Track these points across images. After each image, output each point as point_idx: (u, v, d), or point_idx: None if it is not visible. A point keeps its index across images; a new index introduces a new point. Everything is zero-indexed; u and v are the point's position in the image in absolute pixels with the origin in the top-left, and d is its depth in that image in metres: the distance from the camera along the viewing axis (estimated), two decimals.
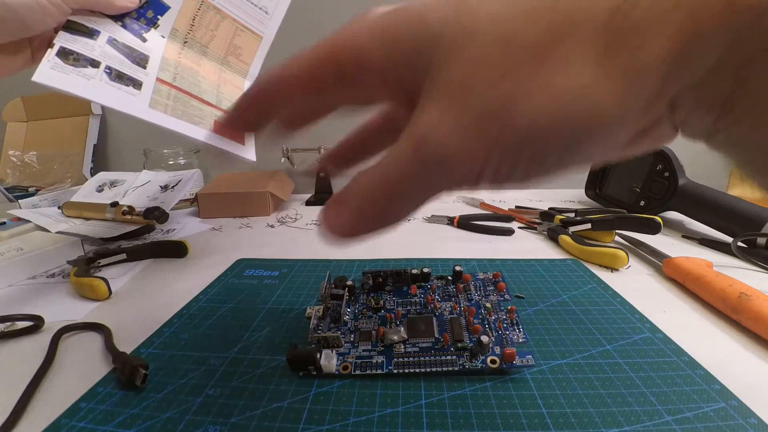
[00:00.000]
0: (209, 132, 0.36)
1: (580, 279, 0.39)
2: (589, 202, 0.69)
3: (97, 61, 0.31)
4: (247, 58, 0.42)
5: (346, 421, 0.22)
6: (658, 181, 0.56)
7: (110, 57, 0.31)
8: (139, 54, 0.33)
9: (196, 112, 0.36)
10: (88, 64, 0.30)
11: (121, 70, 0.32)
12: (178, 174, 0.69)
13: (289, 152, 0.77)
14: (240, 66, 0.42)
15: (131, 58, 0.33)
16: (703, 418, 0.22)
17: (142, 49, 0.34)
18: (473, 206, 0.69)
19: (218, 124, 0.24)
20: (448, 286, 0.35)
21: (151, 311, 0.35)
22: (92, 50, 0.31)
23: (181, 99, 0.35)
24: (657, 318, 0.32)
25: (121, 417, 0.23)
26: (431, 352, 0.27)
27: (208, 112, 0.37)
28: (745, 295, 0.30)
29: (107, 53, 0.31)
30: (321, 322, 0.30)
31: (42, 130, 0.92)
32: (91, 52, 0.31)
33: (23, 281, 0.42)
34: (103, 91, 0.30)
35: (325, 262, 0.45)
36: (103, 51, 0.31)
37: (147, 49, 0.34)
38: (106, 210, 0.58)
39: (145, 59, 0.34)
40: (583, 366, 0.26)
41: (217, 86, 0.39)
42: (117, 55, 0.32)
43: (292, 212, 0.69)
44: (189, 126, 0.35)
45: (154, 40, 0.35)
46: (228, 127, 0.19)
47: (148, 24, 0.34)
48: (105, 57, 0.31)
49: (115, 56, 0.32)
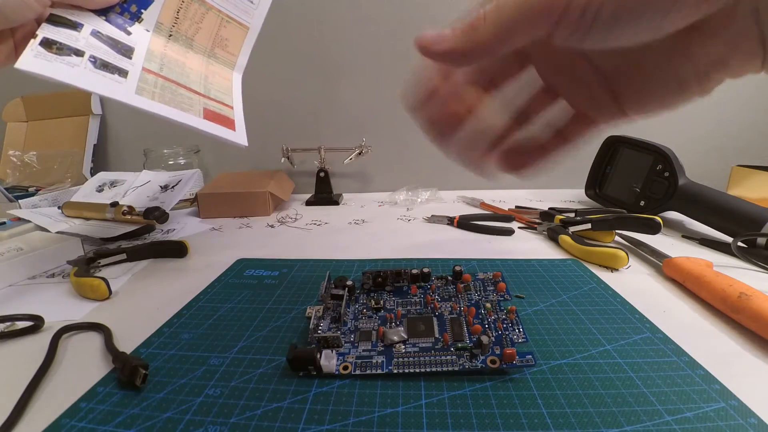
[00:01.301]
0: (200, 118, 0.36)
1: (580, 279, 0.39)
2: (589, 202, 0.69)
3: (81, 50, 0.31)
4: (234, 49, 0.42)
5: (346, 421, 0.22)
6: (658, 181, 0.56)
7: (95, 47, 0.31)
8: (124, 45, 0.33)
9: (184, 100, 0.36)
10: (72, 53, 0.30)
11: (105, 60, 0.32)
12: (178, 174, 0.69)
13: (289, 152, 0.77)
14: (227, 57, 0.41)
15: (116, 49, 0.33)
16: (703, 418, 0.22)
17: (126, 41, 0.33)
18: (473, 206, 0.69)
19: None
20: (448, 286, 0.35)
21: (151, 311, 0.35)
22: (76, 41, 0.31)
23: (169, 87, 0.35)
24: (657, 318, 0.32)
25: (121, 417, 0.23)
26: (431, 352, 0.27)
27: (197, 100, 0.37)
28: (745, 295, 0.30)
29: (91, 44, 0.31)
30: (321, 322, 0.30)
31: (42, 130, 0.92)
32: (75, 43, 0.30)
33: (23, 281, 0.42)
34: (87, 77, 0.30)
35: (325, 262, 0.45)
36: (87, 42, 0.31)
37: (132, 42, 0.34)
38: (106, 210, 0.58)
39: (131, 50, 0.33)
40: (583, 366, 0.26)
41: (205, 77, 0.39)
42: (101, 46, 0.32)
43: (292, 212, 0.70)
44: (178, 112, 0.35)
45: (139, 33, 0.35)
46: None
47: (132, 18, 0.34)
48: (89, 47, 0.31)
49: (100, 47, 0.32)
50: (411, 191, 0.74)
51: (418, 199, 0.73)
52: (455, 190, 0.79)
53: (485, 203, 0.69)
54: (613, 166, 0.65)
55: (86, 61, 0.31)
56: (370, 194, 0.82)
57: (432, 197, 0.74)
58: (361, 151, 0.75)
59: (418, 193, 0.73)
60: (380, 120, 0.81)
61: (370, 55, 0.77)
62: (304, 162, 0.81)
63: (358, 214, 0.67)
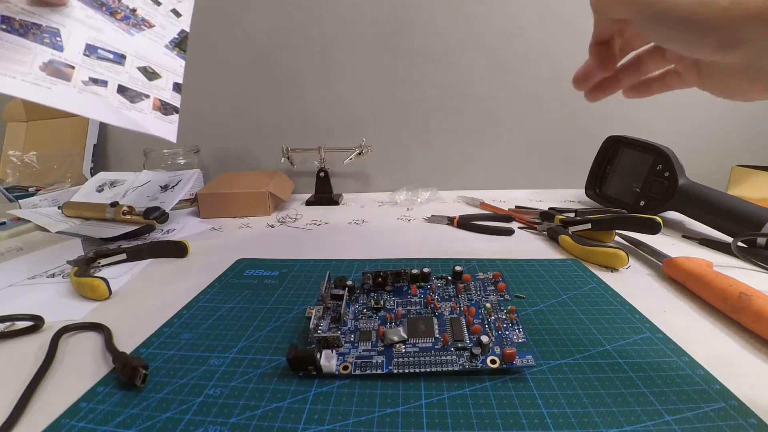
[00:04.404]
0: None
1: (580, 279, 0.39)
2: (589, 202, 0.69)
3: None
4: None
5: (346, 421, 0.22)
6: (658, 181, 0.56)
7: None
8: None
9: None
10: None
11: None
12: (178, 174, 0.69)
13: (289, 152, 0.77)
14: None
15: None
16: (703, 418, 0.22)
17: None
18: (473, 206, 0.69)
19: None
20: (448, 286, 0.35)
21: (151, 311, 0.35)
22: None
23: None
24: (657, 318, 0.32)
25: (121, 417, 0.23)
26: (431, 352, 0.27)
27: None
28: (745, 295, 0.30)
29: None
30: (321, 322, 0.30)
31: (42, 130, 0.92)
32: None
33: (23, 281, 0.42)
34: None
35: (325, 262, 0.45)
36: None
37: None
38: (106, 210, 0.58)
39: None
40: (583, 366, 0.26)
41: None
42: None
43: (292, 212, 0.70)
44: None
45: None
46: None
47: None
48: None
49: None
50: (411, 191, 0.74)
51: (418, 199, 0.73)
52: (455, 190, 0.79)
53: (485, 203, 0.69)
54: (613, 166, 0.65)
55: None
56: (370, 194, 0.82)
57: (432, 197, 0.74)
58: (361, 151, 0.75)
59: (418, 193, 0.73)
60: (380, 120, 0.81)
61: (370, 55, 0.77)
62: (304, 162, 0.81)
63: (358, 214, 0.67)
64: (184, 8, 0.43)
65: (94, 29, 0.35)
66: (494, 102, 0.78)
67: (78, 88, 0.33)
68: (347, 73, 0.79)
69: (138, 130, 0.37)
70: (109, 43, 0.36)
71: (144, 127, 0.37)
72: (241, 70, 0.80)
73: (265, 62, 0.79)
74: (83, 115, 0.33)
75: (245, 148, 0.86)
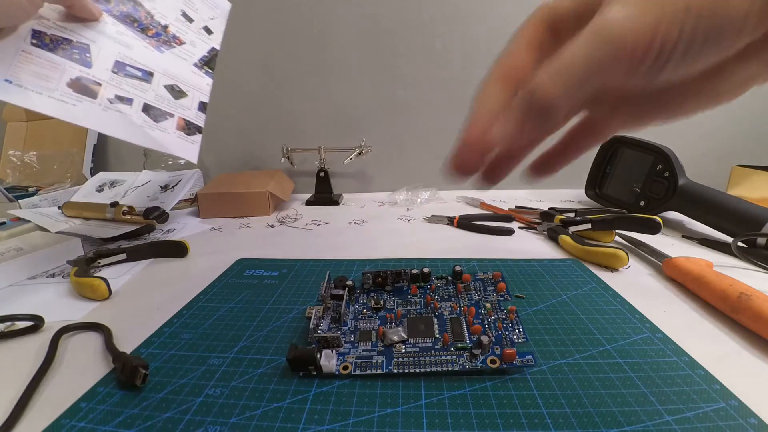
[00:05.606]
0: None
1: (580, 279, 0.39)
2: (589, 202, 0.69)
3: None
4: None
5: (346, 421, 0.22)
6: (658, 181, 0.56)
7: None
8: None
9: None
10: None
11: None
12: (178, 174, 0.70)
13: (289, 152, 0.77)
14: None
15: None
16: (703, 418, 0.22)
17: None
18: (473, 206, 0.70)
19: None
20: (448, 286, 0.35)
21: (151, 311, 0.35)
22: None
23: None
24: (657, 318, 0.32)
25: (121, 417, 0.23)
26: (431, 352, 0.27)
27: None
28: (745, 295, 0.30)
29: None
30: (321, 322, 0.30)
31: (42, 130, 0.92)
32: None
33: (23, 281, 0.42)
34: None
35: (325, 262, 0.45)
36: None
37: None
38: (106, 210, 0.58)
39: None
40: (583, 366, 0.26)
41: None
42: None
43: (292, 212, 0.70)
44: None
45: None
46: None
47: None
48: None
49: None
50: (411, 191, 0.74)
51: (418, 199, 0.73)
52: (455, 190, 0.79)
53: (485, 203, 0.69)
54: (613, 166, 0.65)
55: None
56: (370, 194, 0.82)
57: (432, 197, 0.74)
58: (361, 151, 0.75)
59: (418, 193, 0.73)
60: (380, 120, 0.81)
61: (371, 55, 0.77)
62: (304, 162, 0.81)
63: (358, 214, 0.67)
64: (216, 25, 0.43)
65: (124, 45, 0.35)
66: None
67: (103, 106, 0.33)
68: (347, 73, 0.79)
69: (159, 150, 0.36)
70: (138, 60, 0.35)
71: (166, 148, 0.36)
72: (241, 70, 0.80)
73: (265, 62, 0.79)
74: (106, 133, 0.33)
75: (245, 148, 0.86)
